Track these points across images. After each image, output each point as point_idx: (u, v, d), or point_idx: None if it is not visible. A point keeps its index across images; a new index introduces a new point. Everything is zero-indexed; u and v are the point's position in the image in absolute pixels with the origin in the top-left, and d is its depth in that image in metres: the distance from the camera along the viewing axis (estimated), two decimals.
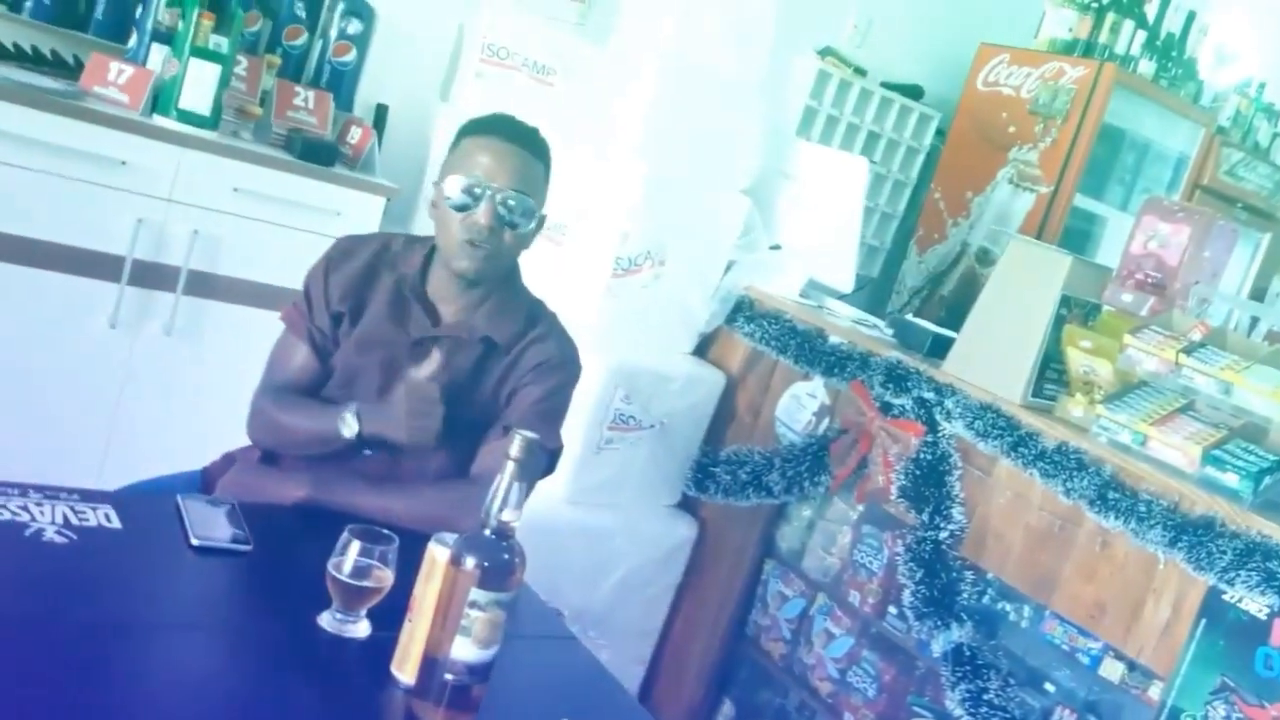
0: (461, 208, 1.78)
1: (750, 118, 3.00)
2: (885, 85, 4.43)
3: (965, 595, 2.45)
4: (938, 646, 2.44)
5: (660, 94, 2.86)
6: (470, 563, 1.33)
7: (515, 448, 1.34)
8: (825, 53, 4.30)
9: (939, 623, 2.44)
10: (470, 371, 1.85)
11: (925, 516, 2.52)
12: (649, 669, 3.08)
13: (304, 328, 1.88)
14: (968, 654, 2.39)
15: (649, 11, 2.98)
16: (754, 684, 2.94)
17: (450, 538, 1.38)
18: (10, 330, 2.68)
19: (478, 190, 1.78)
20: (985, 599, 2.45)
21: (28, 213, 2.63)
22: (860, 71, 4.35)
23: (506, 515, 1.35)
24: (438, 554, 1.39)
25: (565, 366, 1.90)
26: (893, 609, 2.61)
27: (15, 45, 2.84)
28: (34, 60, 2.84)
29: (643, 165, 2.83)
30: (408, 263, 1.88)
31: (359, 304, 1.88)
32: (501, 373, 1.86)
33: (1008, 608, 2.42)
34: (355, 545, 1.44)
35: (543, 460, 1.84)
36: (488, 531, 1.35)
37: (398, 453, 1.81)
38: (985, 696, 2.33)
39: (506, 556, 1.35)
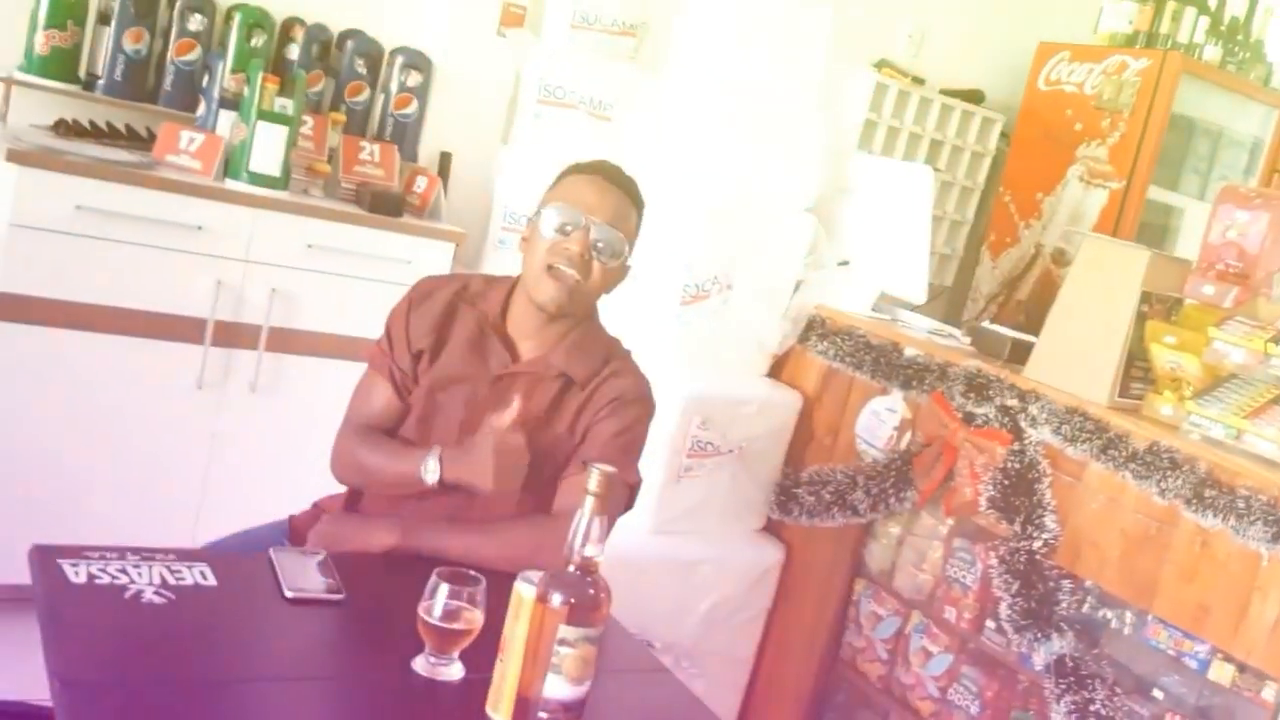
0: (560, 233, 1.81)
1: (809, 136, 3.00)
2: (944, 92, 4.39)
3: (1064, 604, 2.39)
4: (1039, 659, 2.39)
5: (717, 119, 2.87)
6: (557, 600, 1.33)
7: (594, 482, 1.35)
8: (881, 64, 4.28)
9: (1039, 634, 2.39)
10: (547, 407, 1.87)
11: (1017, 526, 2.47)
12: (745, 697, 3.06)
13: (386, 366, 1.92)
14: (1071, 665, 2.33)
15: (701, 39, 2.99)
16: (853, 707, 2.90)
17: (535, 576, 1.39)
18: (102, 396, 2.77)
19: (574, 220, 1.81)
20: (1085, 607, 2.39)
21: (112, 283, 2.72)
22: (918, 80, 4.32)
23: (589, 550, 1.35)
24: (524, 593, 1.39)
25: (641, 401, 1.91)
26: (990, 623, 2.56)
27: (91, 122, 2.94)
28: (109, 135, 2.94)
29: (703, 191, 2.84)
30: (487, 300, 1.91)
31: (439, 341, 1.91)
32: (577, 408, 1.88)
33: (1109, 615, 2.36)
34: (444, 588, 1.45)
35: (622, 495, 1.85)
36: (572, 568, 1.35)
37: (473, 494, 1.82)
38: (1092, 707, 2.27)
39: (592, 592, 1.35)
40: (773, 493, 3.00)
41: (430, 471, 1.79)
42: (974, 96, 4.48)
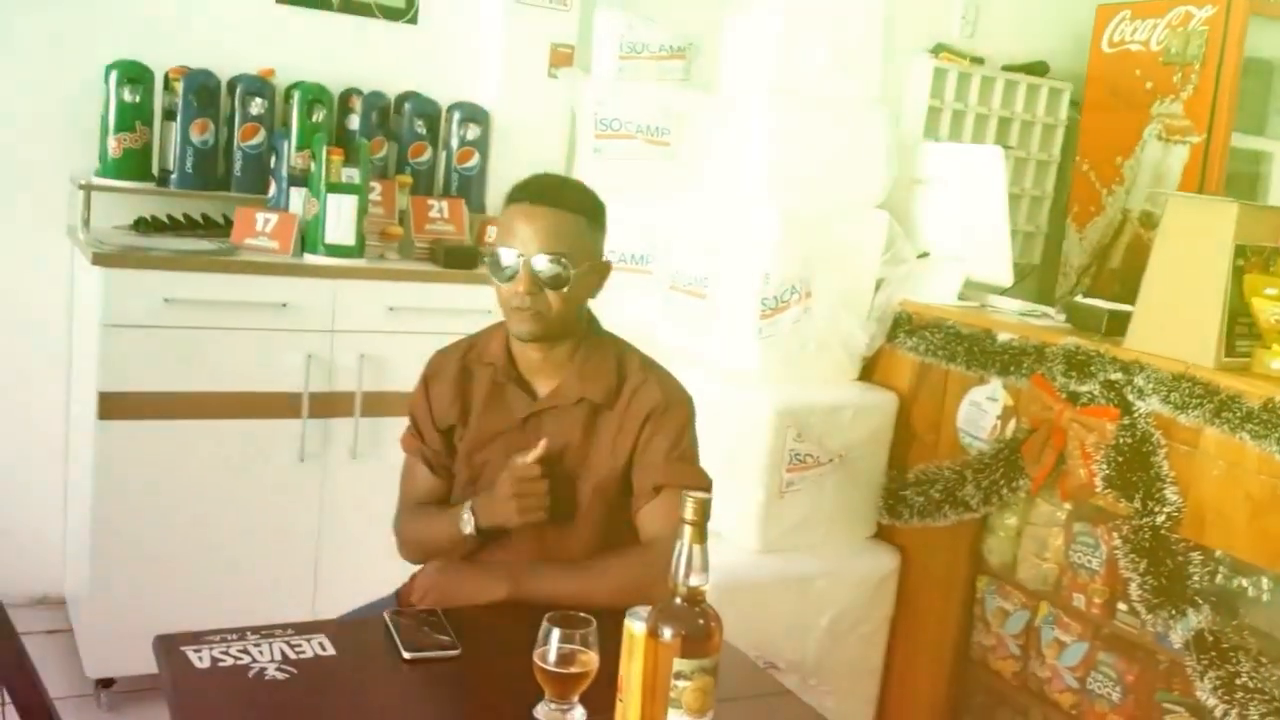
0: (505, 278, 1.82)
1: (871, 133, 2.96)
2: (1006, 68, 4.32)
3: (1196, 578, 2.30)
4: (1177, 637, 2.30)
5: (776, 129, 2.85)
6: (668, 634, 1.32)
7: (689, 511, 1.33)
8: (938, 50, 4.22)
9: (1174, 611, 2.30)
10: (583, 434, 1.87)
11: (1137, 503, 2.39)
12: (878, 708, 3.00)
13: (419, 450, 1.98)
14: (1211, 639, 2.24)
15: (750, 51, 2.98)
16: (990, 707, 2.82)
17: (644, 612, 1.38)
18: (209, 480, 2.83)
19: (511, 260, 1.80)
20: (1218, 578, 2.30)
21: (207, 369, 2.79)
22: (977, 60, 4.25)
23: (694, 580, 1.33)
24: (635, 630, 1.39)
25: (676, 406, 1.89)
26: (1122, 605, 2.47)
27: (169, 216, 3.03)
28: (188, 226, 3.03)
29: (771, 202, 2.82)
30: (491, 352, 1.92)
31: (464, 409, 1.93)
32: (613, 430, 1.87)
33: (1244, 583, 2.27)
34: (555, 633, 1.45)
35: None
36: (679, 600, 1.34)
37: (539, 541, 1.86)
38: (1238, 681, 2.17)
39: (702, 622, 1.33)
40: (880, 497, 2.95)
41: (465, 522, 1.84)
42: (1038, 69, 4.40)
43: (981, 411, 2.78)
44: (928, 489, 2.84)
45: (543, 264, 1.79)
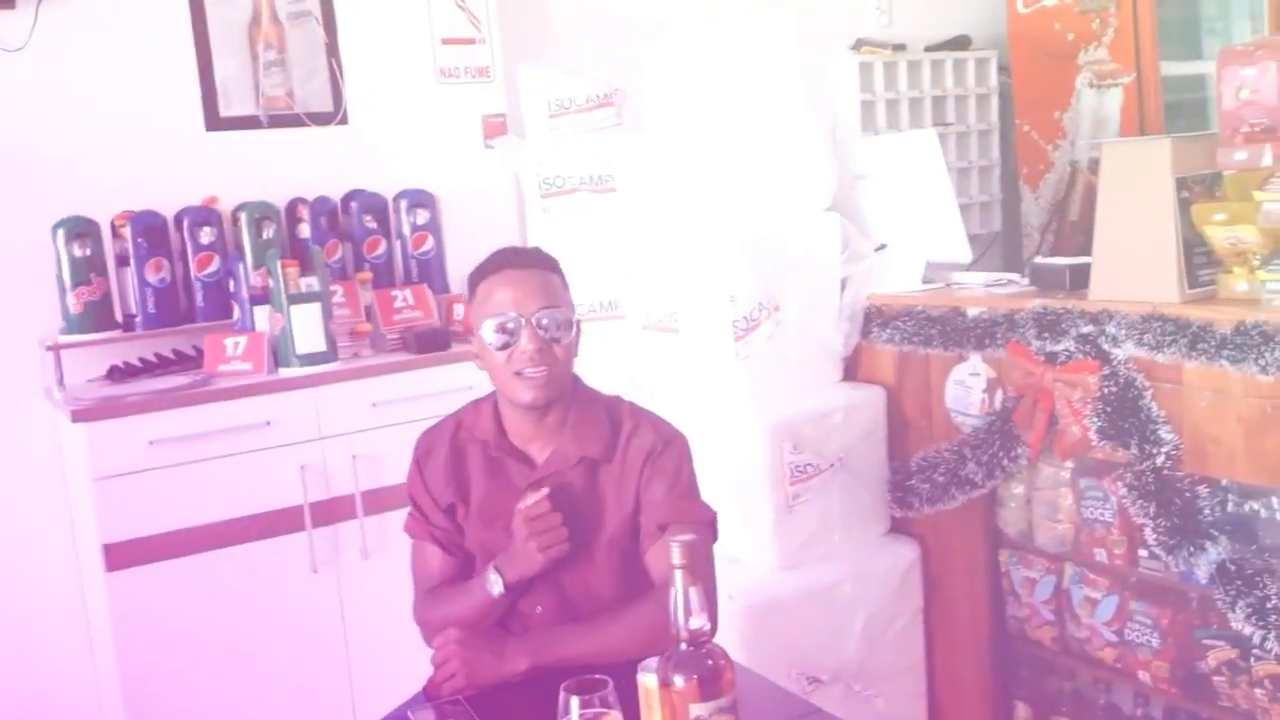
0: (504, 346, 1.83)
1: (805, 139, 2.99)
2: (929, 49, 4.37)
3: (1207, 511, 2.31)
4: (1202, 572, 2.31)
5: (713, 154, 2.88)
6: (679, 681, 1.33)
7: (676, 555, 1.35)
8: (858, 45, 4.27)
9: (1192, 548, 2.31)
10: (587, 494, 1.89)
11: (1134, 449, 2.40)
12: (929, 701, 2.99)
13: (426, 531, 1.98)
14: (1234, 568, 2.24)
15: (671, 87, 3.02)
16: (1037, 677, 2.81)
17: (654, 664, 1.39)
18: (227, 609, 2.84)
19: (511, 323, 1.82)
20: (1229, 507, 2.30)
21: (204, 501, 2.81)
22: (899, 48, 4.30)
23: (694, 623, 1.35)
24: (648, 683, 1.40)
25: (671, 443, 1.92)
26: (1143, 552, 2.47)
27: (140, 359, 3.06)
28: (160, 365, 3.06)
29: (722, 226, 2.85)
30: (481, 427, 1.93)
31: (461, 487, 1.94)
32: (615, 481, 1.90)
33: (1255, 506, 2.27)
34: (574, 701, 1.45)
35: (708, 537, 1.88)
36: (684, 645, 1.35)
37: (562, 596, 1.88)
38: (1269, 604, 2.17)
39: (710, 662, 1.34)
40: (887, 492, 2.96)
41: (494, 584, 1.85)
42: (960, 43, 4.45)
43: (967, 389, 2.80)
44: (931, 474, 2.84)
45: (545, 318, 1.83)
